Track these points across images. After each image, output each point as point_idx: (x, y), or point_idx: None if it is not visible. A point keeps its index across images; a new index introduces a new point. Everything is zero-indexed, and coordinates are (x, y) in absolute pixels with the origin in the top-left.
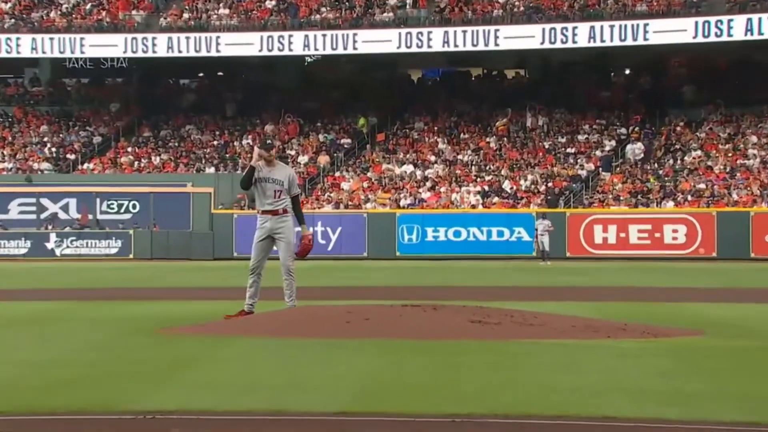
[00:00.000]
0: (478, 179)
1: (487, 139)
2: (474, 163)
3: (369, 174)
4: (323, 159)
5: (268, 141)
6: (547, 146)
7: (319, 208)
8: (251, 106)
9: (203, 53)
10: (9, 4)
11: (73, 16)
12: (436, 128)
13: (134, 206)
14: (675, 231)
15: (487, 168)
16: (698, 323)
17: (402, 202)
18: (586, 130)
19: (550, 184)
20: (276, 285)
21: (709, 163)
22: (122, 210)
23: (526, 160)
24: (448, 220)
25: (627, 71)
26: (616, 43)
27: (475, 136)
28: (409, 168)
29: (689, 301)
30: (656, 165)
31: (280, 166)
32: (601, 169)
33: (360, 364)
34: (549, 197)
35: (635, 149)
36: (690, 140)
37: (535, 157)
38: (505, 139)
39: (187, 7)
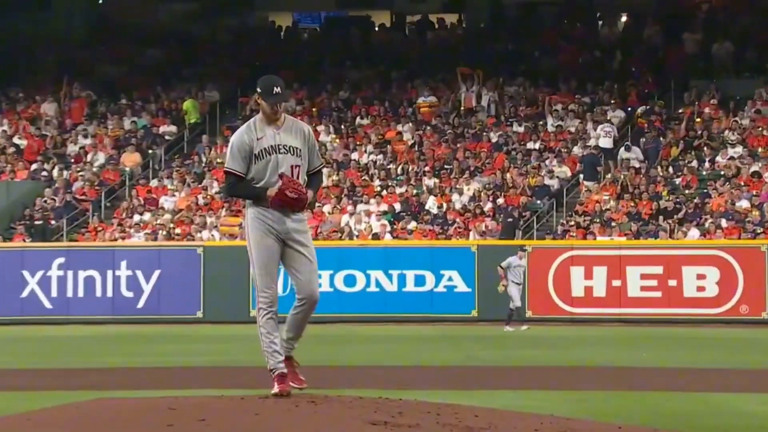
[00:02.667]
0: (385, 192)
1: (400, 128)
2: (378, 166)
3: (206, 182)
4: (130, 159)
5: (276, 87)
6: (496, 138)
7: (123, 238)
8: (3, 69)
9: None
10: None
11: None
12: (314, 109)
13: None
14: (701, 277)
15: (400, 175)
16: (737, 426)
17: None
18: (560, 113)
19: (500, 201)
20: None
21: (757, 166)
22: None
23: (463, 163)
24: (334, 259)
25: (623, 17)
26: None
27: (381, 123)
28: None
29: (723, 391)
30: (671, 170)
31: (290, 123)
32: (582, 176)
33: None
34: (500, 221)
35: (632, 147)
36: (725, 129)
37: (478, 158)
38: (429, 127)
39: None
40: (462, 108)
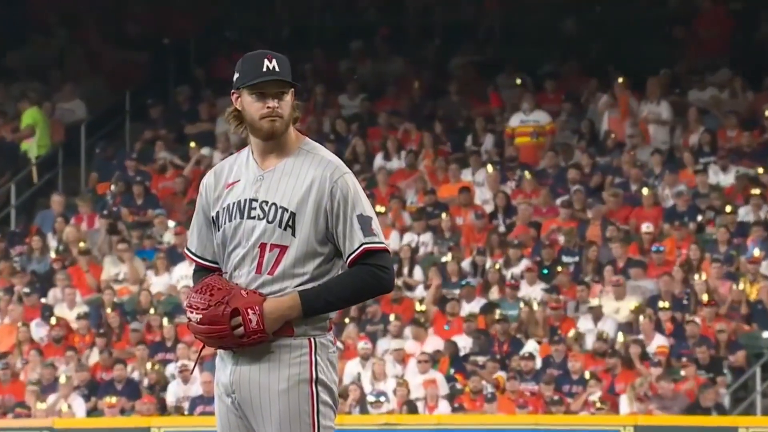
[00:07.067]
0: (436, 310)
1: (469, 176)
2: (422, 256)
3: (57, 293)
4: None
5: (268, 60)
6: (672, 200)
7: None
8: None
9: None
10: None
11: None
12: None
13: None
14: None
15: (470, 276)
16: None
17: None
18: None
19: (687, 330)
20: None
21: None
22: None
23: (603, 250)
24: None
25: None
26: None
27: (431, 166)
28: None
29: None
30: None
31: (302, 158)
32: None
33: None
34: (707, 363)
35: None
36: None
37: (634, 240)
38: (530, 175)
39: None
40: (602, 134)
